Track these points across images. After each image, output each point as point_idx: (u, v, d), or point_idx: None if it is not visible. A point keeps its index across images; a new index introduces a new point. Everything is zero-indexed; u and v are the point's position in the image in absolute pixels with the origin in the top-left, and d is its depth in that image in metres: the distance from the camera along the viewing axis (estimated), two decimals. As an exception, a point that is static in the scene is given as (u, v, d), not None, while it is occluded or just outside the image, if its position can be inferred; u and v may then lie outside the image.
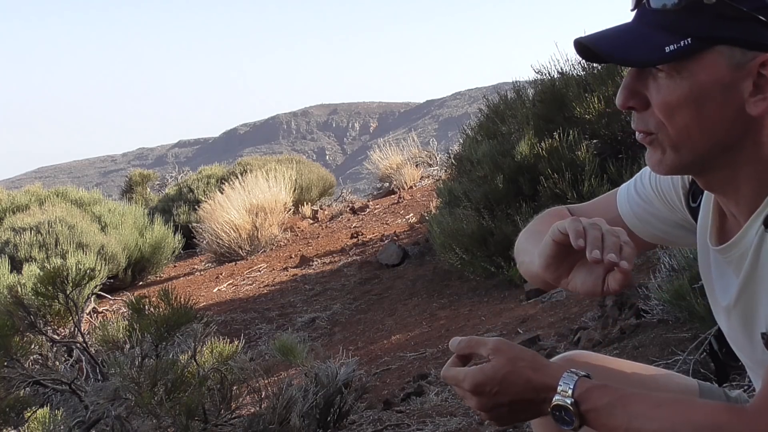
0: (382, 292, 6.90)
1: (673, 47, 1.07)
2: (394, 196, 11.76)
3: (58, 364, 3.44)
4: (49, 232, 8.91)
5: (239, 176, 11.16)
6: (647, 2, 1.10)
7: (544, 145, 5.78)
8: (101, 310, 7.97)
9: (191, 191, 12.97)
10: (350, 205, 11.76)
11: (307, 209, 11.79)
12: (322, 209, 12.03)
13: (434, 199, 8.59)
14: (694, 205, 1.29)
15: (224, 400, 3.01)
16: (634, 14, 1.13)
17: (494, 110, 7.02)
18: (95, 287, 5.56)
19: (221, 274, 9.10)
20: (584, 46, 1.12)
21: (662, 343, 3.39)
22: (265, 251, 9.76)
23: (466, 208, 6.11)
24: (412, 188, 12.13)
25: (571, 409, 1.16)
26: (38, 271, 3.51)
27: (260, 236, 9.78)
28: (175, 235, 10.24)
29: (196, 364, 2.98)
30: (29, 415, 2.91)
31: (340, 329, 6.24)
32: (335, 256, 8.63)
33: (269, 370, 3.45)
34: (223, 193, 10.39)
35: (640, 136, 1.16)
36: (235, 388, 3.06)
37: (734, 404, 1.28)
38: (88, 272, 3.21)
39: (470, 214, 6.02)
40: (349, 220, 10.76)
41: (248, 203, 10.01)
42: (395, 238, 8.46)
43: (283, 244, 10.02)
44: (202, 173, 13.94)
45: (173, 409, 2.78)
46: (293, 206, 11.12)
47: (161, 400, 2.79)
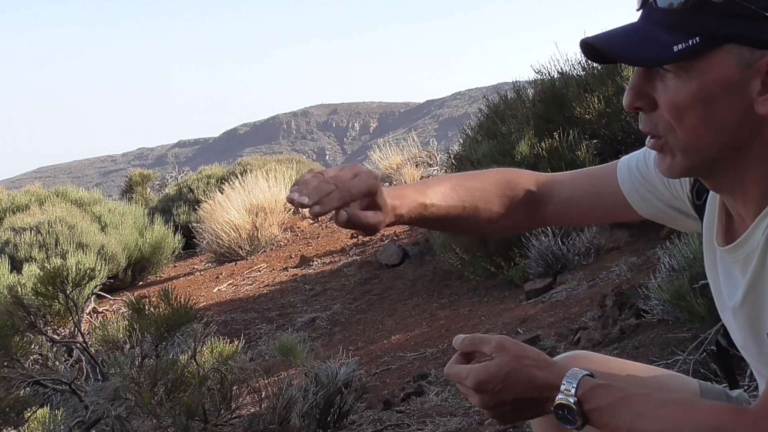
0: (382, 292, 6.90)
1: (681, 46, 1.05)
2: (394, 196, 11.75)
3: (58, 364, 3.44)
4: (49, 232, 8.91)
5: (239, 176, 11.16)
6: (654, 2, 1.08)
7: (544, 145, 5.78)
8: (101, 310, 7.97)
9: (191, 191, 12.97)
10: (350, 205, 11.74)
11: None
12: (322, 209, 12.01)
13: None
14: (698, 202, 1.28)
15: (224, 400, 3.01)
16: (639, 14, 1.12)
17: (494, 110, 7.02)
18: (95, 287, 5.55)
19: (221, 274, 9.10)
20: (590, 46, 1.11)
21: (662, 343, 3.39)
22: (265, 251, 9.75)
23: (466, 208, 6.10)
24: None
25: (574, 408, 1.15)
26: (38, 271, 3.51)
27: (260, 236, 9.78)
28: (175, 235, 10.24)
29: (196, 364, 2.97)
30: (29, 415, 2.91)
31: (340, 329, 6.24)
32: (335, 256, 8.63)
33: (269, 370, 3.44)
34: (223, 193, 10.39)
35: (650, 142, 1.15)
36: (235, 388, 3.05)
37: (737, 405, 1.28)
38: (88, 272, 3.20)
39: (470, 214, 6.01)
40: (349, 220, 10.75)
41: (248, 203, 10.00)
42: (395, 238, 8.45)
43: (283, 244, 10.01)
44: (202, 173, 13.94)
45: (173, 409, 2.78)
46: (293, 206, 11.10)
47: (161, 400, 2.78)
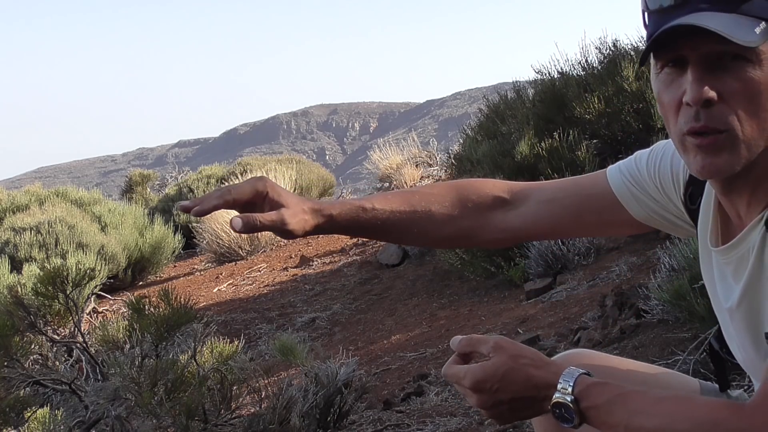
0: (382, 292, 6.90)
1: (759, 29, 1.01)
2: (394, 196, 11.75)
3: (58, 364, 3.44)
4: (49, 232, 8.91)
5: (239, 176, 11.17)
6: None
7: (544, 145, 5.78)
8: (101, 310, 7.97)
9: (191, 191, 12.97)
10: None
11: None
12: (322, 209, 12.02)
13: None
14: (693, 206, 1.28)
15: (224, 400, 3.01)
16: (686, 3, 1.05)
17: (494, 110, 7.03)
18: (95, 287, 5.56)
19: (221, 274, 9.10)
20: (685, 27, 1.02)
21: (662, 343, 3.39)
22: (265, 251, 9.75)
23: (466, 208, 6.10)
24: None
25: (571, 406, 1.15)
26: (38, 271, 3.50)
27: (260, 236, 9.77)
28: (175, 235, 10.24)
29: (196, 364, 2.97)
30: (29, 415, 2.91)
31: (340, 329, 6.24)
32: (335, 256, 8.64)
33: (269, 370, 3.44)
34: (223, 193, 10.37)
35: (704, 139, 1.07)
36: (235, 388, 3.06)
37: (734, 401, 1.28)
38: (88, 272, 3.20)
39: (470, 214, 6.01)
40: (349, 220, 10.75)
41: (248, 203, 9.99)
42: (395, 238, 8.44)
43: (283, 243, 10.00)
44: (202, 173, 13.95)
45: (173, 409, 2.78)
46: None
47: (161, 400, 2.78)
